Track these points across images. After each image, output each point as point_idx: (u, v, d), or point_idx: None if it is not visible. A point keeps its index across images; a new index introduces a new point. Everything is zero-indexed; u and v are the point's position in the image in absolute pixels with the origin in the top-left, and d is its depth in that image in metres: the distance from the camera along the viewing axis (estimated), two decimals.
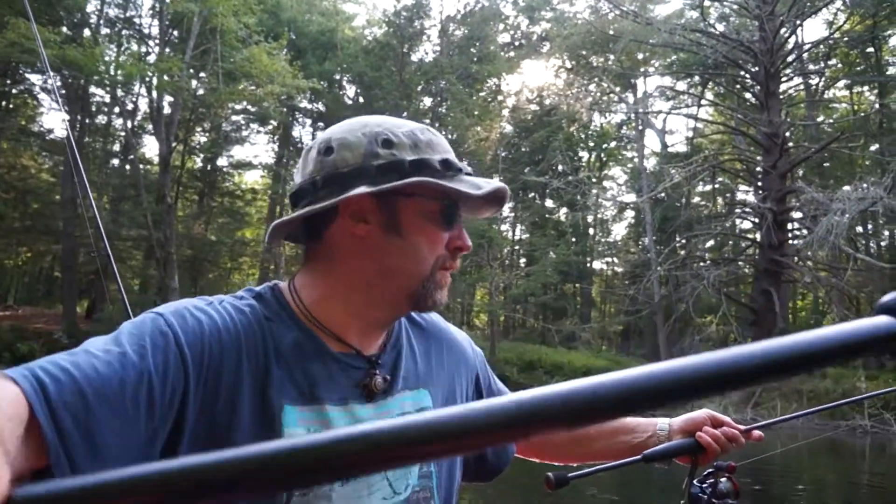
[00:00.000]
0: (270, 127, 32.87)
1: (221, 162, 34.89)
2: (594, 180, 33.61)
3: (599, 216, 34.52)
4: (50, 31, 22.42)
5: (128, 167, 29.42)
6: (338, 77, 32.81)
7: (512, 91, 32.18)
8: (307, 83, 24.23)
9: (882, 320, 0.41)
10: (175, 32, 27.52)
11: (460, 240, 1.25)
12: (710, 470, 1.67)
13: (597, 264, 38.49)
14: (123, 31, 30.13)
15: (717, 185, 34.13)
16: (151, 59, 26.94)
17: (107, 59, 25.42)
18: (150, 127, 28.48)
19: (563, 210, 34.86)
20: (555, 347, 25.55)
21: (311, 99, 32.17)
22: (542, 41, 33.20)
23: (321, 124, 34.86)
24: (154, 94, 25.67)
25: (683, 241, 27.23)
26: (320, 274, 1.24)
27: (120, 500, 0.42)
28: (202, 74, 27.30)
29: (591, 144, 37.49)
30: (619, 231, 39.34)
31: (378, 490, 1.22)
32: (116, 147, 31.55)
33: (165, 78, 23.51)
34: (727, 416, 1.67)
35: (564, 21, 30.96)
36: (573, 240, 32.45)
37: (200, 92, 27.05)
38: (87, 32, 26.84)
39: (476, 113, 27.97)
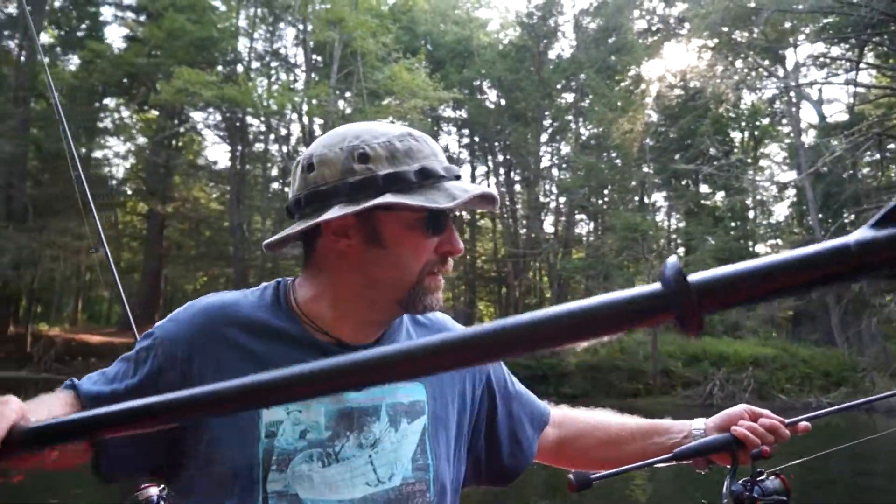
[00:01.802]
0: None
1: None
2: (749, 161, 32.25)
3: (758, 197, 33.11)
4: (208, 73, 24.18)
5: (287, 189, 30.97)
6: (478, 83, 33.18)
7: (654, 78, 31.40)
8: (448, 94, 24.74)
9: (653, 287, 0.43)
10: (319, 58, 28.81)
11: (449, 244, 1.27)
12: (760, 469, 1.53)
13: (759, 248, 36.87)
14: (272, 63, 31.86)
15: (886, 154, 31.96)
16: (299, 86, 28.32)
17: (259, 90, 27.07)
18: (304, 148, 29.88)
19: (720, 195, 33.69)
20: (719, 338, 24.76)
21: (454, 107, 32.70)
22: (680, 23, 32.25)
23: (465, 131, 35.39)
24: (305, 118, 26.95)
25: (852, 216, 25.70)
26: (313, 281, 1.31)
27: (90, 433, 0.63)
28: (348, 94, 28.43)
29: (743, 124, 35.99)
30: (780, 211, 37.56)
31: (361, 475, 1.24)
32: (275, 172, 33.28)
33: (314, 102, 24.65)
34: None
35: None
36: (732, 224, 31.29)
37: (348, 111, 28.14)
38: (239, 68, 28.61)
39: (619, 104, 27.54)
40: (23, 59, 31.19)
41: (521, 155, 31.58)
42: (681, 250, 32.57)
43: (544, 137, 32.43)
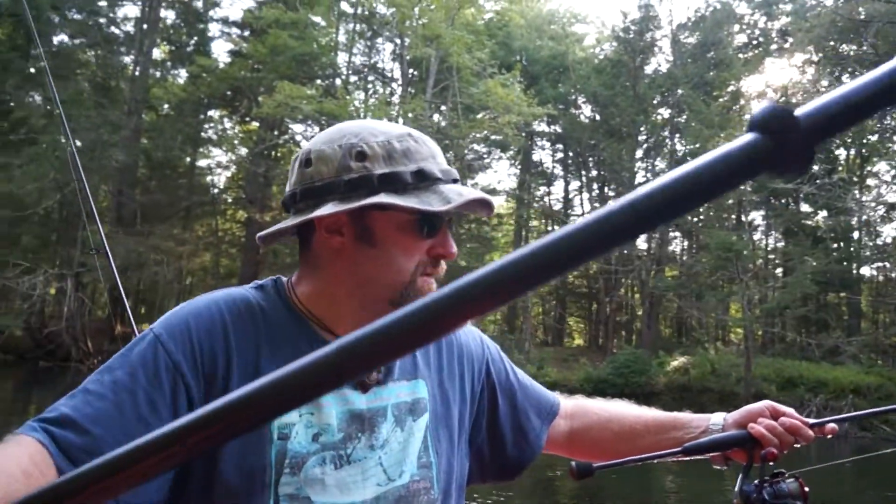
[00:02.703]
0: (511, 153, 33.74)
1: None
2: (855, 179, 31.07)
3: (864, 218, 31.81)
4: (308, 88, 24.94)
5: None
6: (572, 98, 33.07)
7: (753, 94, 30.65)
8: (541, 110, 24.79)
9: (749, 138, 0.36)
10: (415, 72, 29.30)
11: (442, 247, 1.26)
12: (780, 471, 1.44)
13: (865, 270, 35.36)
14: (369, 77, 32.56)
15: None
16: (396, 99, 28.85)
17: (357, 104, 27.70)
18: None
19: (822, 214, 32.52)
20: (817, 363, 23.89)
21: (548, 122, 32.67)
22: (783, 36, 31.39)
23: (560, 146, 35.30)
24: None
25: None
26: (309, 277, 1.30)
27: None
28: (443, 108, 28.79)
29: (848, 140, 34.71)
30: (888, 233, 35.97)
31: (373, 476, 1.24)
32: None
33: (409, 115, 25.07)
34: None
35: (806, 12, 29.08)
36: (833, 246, 30.17)
37: (443, 124, 28.46)
38: (337, 82, 29.34)
39: (716, 119, 26.99)
40: (136, 73, 32.84)
41: (615, 171, 31.27)
42: (779, 271, 31.64)
43: (639, 153, 32.04)
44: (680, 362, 21.99)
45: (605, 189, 33.79)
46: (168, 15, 34.99)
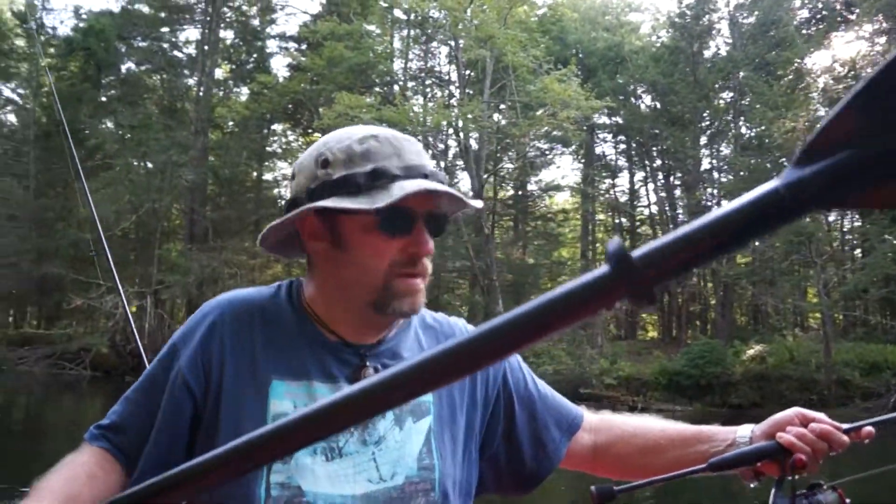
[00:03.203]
0: (573, 147, 33.53)
1: (531, 187, 36.22)
2: None
3: None
4: (366, 96, 25.30)
5: None
6: (631, 89, 32.69)
7: (819, 70, 29.71)
8: (599, 103, 24.56)
9: (600, 271, 0.44)
10: (472, 73, 29.39)
11: (414, 246, 1.25)
12: (818, 482, 1.34)
13: None
14: (426, 81, 32.78)
15: None
16: (454, 101, 28.99)
17: (416, 109, 27.93)
18: (461, 163, 30.47)
19: None
20: None
21: (608, 114, 32.38)
22: (847, 7, 30.38)
23: (622, 137, 34.92)
24: (461, 134, 27.52)
25: None
26: (310, 279, 1.36)
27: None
28: (502, 106, 28.79)
29: None
30: None
31: (364, 471, 1.25)
32: None
33: (469, 117, 25.14)
34: None
35: None
36: None
37: (503, 123, 28.45)
38: (395, 88, 29.63)
39: (780, 100, 26.28)
40: (200, 93, 33.78)
41: (680, 159, 30.80)
42: (857, 252, 30.67)
43: (703, 140, 31.47)
44: (756, 351, 21.51)
45: (671, 178, 33.29)
46: (227, 35, 35.96)
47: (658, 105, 32.38)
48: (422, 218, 1.26)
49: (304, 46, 33.21)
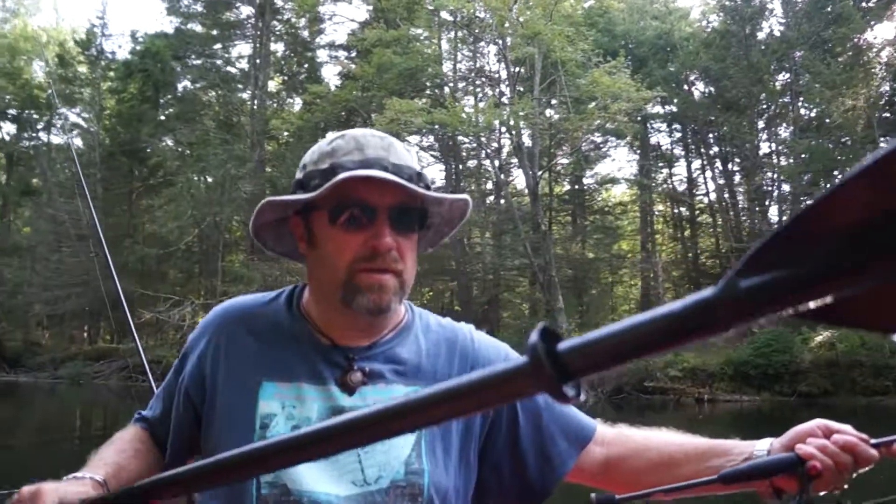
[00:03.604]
0: (628, 139, 33.19)
1: (587, 181, 35.97)
2: None
3: None
4: (417, 100, 25.49)
5: (502, 202, 31.68)
6: (683, 76, 32.21)
7: (882, 43, 28.67)
8: (650, 93, 24.28)
9: (520, 361, 0.44)
10: (521, 70, 29.35)
11: (374, 238, 1.24)
12: (841, 502, 1.26)
13: None
14: (476, 81, 32.82)
15: None
16: (505, 99, 28.98)
17: (468, 109, 28.00)
18: (516, 161, 30.43)
19: None
20: None
21: (661, 103, 31.97)
22: None
23: (676, 126, 34.43)
24: (513, 132, 27.50)
25: None
26: (308, 282, 1.41)
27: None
28: (553, 101, 28.65)
29: None
30: None
31: (349, 473, 1.25)
32: (489, 186, 34.12)
33: (520, 114, 25.10)
34: None
35: None
36: None
37: (556, 118, 28.31)
38: (445, 90, 29.76)
39: (838, 78, 25.57)
40: (254, 106, 34.42)
41: (737, 145, 30.24)
42: None
43: (760, 124, 30.84)
44: (825, 337, 20.97)
45: (729, 164, 32.69)
46: (278, 48, 36.57)
47: (712, 91, 31.84)
48: (385, 212, 1.25)
49: (353, 54, 33.58)
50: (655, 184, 34.36)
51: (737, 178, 32.57)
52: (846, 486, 1.22)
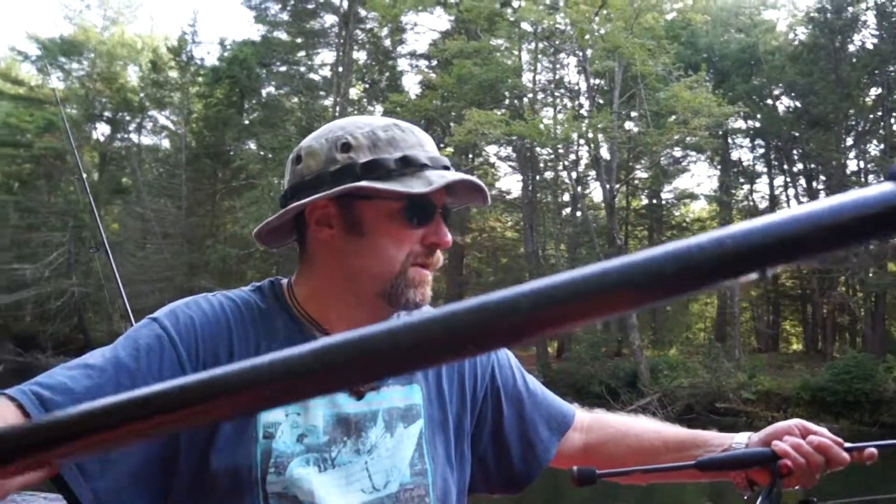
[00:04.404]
0: (708, 153, 32.58)
1: (665, 196, 35.45)
2: None
3: None
4: (496, 112, 25.60)
5: (578, 214, 31.52)
6: (767, 90, 31.42)
7: None
8: (731, 108, 23.82)
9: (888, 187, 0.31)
10: (601, 82, 29.15)
11: (436, 235, 1.23)
12: (811, 498, 1.31)
13: None
14: (555, 93, 32.73)
15: None
16: (584, 111, 28.82)
17: (546, 121, 27.97)
18: (593, 174, 30.23)
19: None
20: None
21: (744, 117, 31.27)
22: None
23: (759, 141, 33.60)
24: (591, 144, 27.33)
25: None
26: (306, 276, 1.30)
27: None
28: (633, 113, 28.36)
29: None
30: None
31: (357, 481, 1.22)
32: (566, 197, 33.96)
33: (599, 127, 24.94)
34: None
35: None
36: None
37: (635, 130, 28.03)
38: (524, 101, 29.76)
39: None
40: (336, 113, 35.06)
41: (823, 162, 29.34)
42: None
43: (849, 141, 29.85)
44: None
45: (814, 182, 31.73)
46: (360, 56, 37.14)
47: (798, 106, 30.95)
48: (440, 209, 1.26)
49: (433, 63, 33.89)
50: (736, 200, 33.58)
51: (822, 196, 31.48)
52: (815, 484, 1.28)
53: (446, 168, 1.24)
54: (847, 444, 1.29)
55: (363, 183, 1.17)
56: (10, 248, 37.16)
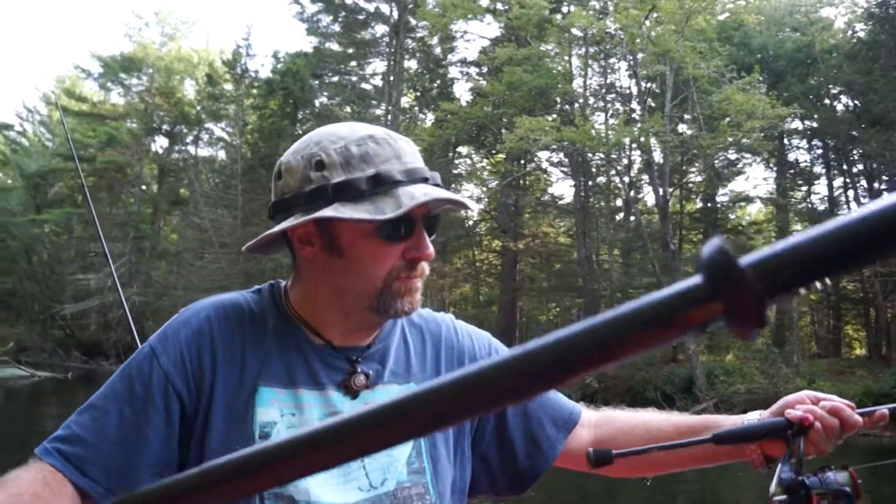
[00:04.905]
0: (764, 155, 32.00)
1: (720, 199, 34.91)
2: None
3: None
4: (547, 118, 25.57)
5: (631, 219, 31.27)
6: (825, 90, 30.76)
7: None
8: (786, 110, 23.37)
9: (689, 284, 0.31)
10: (653, 86, 28.88)
11: (416, 250, 1.22)
12: (825, 466, 1.28)
13: None
14: (607, 97, 32.54)
15: None
16: (636, 116, 28.59)
17: (598, 126, 27.82)
18: (646, 178, 29.97)
19: None
20: None
21: (801, 118, 30.68)
22: None
23: (817, 142, 32.91)
24: (643, 148, 27.10)
25: None
26: (298, 282, 1.32)
27: None
28: (686, 116, 28.05)
29: None
30: None
31: (355, 479, 1.22)
32: (618, 202, 33.71)
33: (651, 131, 24.72)
34: None
35: None
36: None
37: (688, 133, 27.73)
38: (576, 106, 29.65)
39: None
40: (388, 122, 35.39)
41: (884, 162, 28.61)
42: None
43: None
44: None
45: (875, 183, 30.93)
46: (411, 65, 37.44)
47: (857, 105, 30.24)
48: (420, 221, 1.23)
49: (484, 70, 33.96)
50: (793, 202, 32.92)
51: (885, 196, 30.66)
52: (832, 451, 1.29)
53: (425, 180, 1.22)
54: (858, 410, 1.32)
55: (330, 211, 1.16)
56: (75, 260, 38.40)
